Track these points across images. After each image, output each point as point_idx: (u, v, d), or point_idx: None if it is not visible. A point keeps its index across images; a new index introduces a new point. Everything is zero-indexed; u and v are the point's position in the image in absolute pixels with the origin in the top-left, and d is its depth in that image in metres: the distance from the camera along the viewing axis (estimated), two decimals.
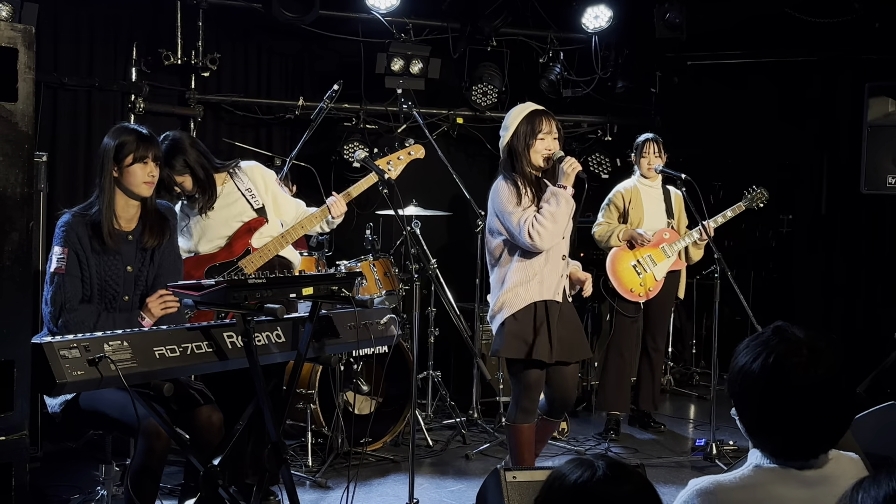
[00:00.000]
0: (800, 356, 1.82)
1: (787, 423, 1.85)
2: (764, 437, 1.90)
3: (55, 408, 3.24)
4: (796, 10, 6.33)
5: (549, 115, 4.01)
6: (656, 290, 5.50)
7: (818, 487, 1.84)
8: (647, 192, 5.56)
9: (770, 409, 1.85)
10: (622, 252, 5.47)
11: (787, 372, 1.81)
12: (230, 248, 4.02)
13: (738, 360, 1.89)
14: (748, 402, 1.88)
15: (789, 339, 1.85)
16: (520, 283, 3.92)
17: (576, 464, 1.62)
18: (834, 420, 1.86)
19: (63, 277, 3.21)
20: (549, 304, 3.92)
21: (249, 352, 2.80)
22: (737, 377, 1.90)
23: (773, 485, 1.84)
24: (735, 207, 5.55)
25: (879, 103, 5.76)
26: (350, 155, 6.26)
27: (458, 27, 6.65)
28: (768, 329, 1.90)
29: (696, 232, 5.47)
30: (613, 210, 5.56)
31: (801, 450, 1.87)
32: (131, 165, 3.30)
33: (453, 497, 4.49)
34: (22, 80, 2.12)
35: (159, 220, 3.45)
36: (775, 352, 1.83)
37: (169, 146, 3.83)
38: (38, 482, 4.30)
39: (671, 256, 5.50)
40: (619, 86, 6.99)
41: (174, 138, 3.88)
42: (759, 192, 5.58)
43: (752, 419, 1.90)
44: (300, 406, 4.80)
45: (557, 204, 3.84)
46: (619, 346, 5.56)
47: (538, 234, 3.80)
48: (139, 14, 5.92)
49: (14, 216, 2.11)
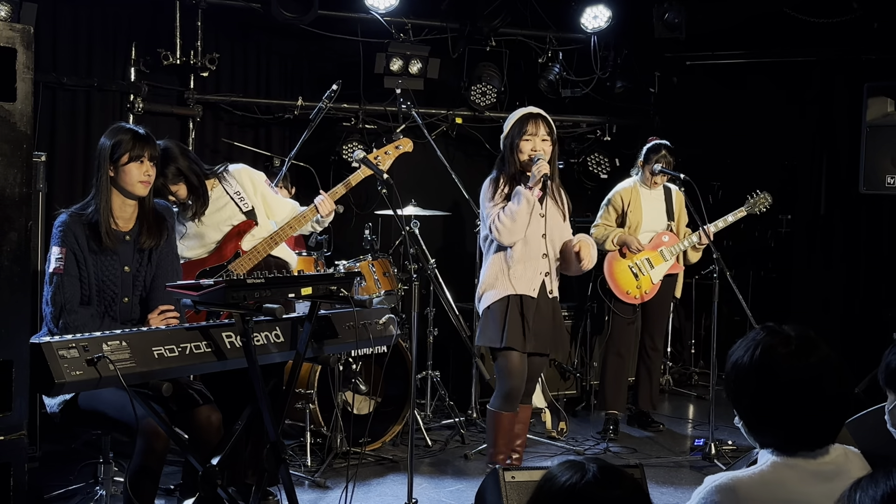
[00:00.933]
0: (787, 347, 1.87)
1: (783, 415, 1.88)
2: (764, 431, 1.93)
3: (54, 408, 3.24)
4: (795, 10, 6.33)
5: (541, 118, 4.21)
6: (653, 292, 5.49)
7: (836, 481, 1.86)
8: (646, 194, 5.54)
9: (764, 401, 1.89)
10: (618, 254, 5.47)
11: (776, 362, 1.87)
12: (220, 251, 4.02)
13: (731, 358, 1.95)
14: (743, 397, 1.93)
15: (778, 333, 1.91)
16: (496, 276, 4.17)
17: (567, 466, 1.62)
18: (830, 411, 1.88)
19: (62, 277, 3.21)
20: (524, 298, 4.12)
21: (248, 352, 2.80)
22: (731, 374, 1.95)
23: (793, 482, 1.86)
24: (736, 212, 5.51)
25: (878, 103, 5.76)
26: (349, 155, 6.26)
27: (457, 27, 6.65)
28: (759, 328, 1.95)
29: (694, 236, 5.44)
30: (612, 211, 5.53)
31: (802, 441, 1.89)
32: (127, 164, 3.29)
33: (452, 497, 4.49)
34: (20, 80, 2.12)
35: (157, 220, 3.45)
36: (763, 344, 1.89)
37: (160, 156, 3.75)
38: (36, 482, 4.29)
39: (669, 260, 5.48)
40: (618, 86, 6.99)
41: (164, 147, 3.75)
42: (761, 197, 5.52)
43: (749, 414, 1.93)
44: (299, 406, 4.80)
45: (518, 203, 4.07)
46: (617, 346, 5.56)
47: (496, 230, 4.08)
48: (138, 14, 5.91)
49: (13, 216, 2.11)
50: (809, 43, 6.55)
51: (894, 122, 5.70)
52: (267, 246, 4.09)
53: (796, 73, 6.80)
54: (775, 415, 1.88)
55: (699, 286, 6.89)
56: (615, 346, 5.57)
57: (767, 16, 6.52)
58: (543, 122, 4.18)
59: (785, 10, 6.35)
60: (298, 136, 5.33)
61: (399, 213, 4.06)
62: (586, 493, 1.56)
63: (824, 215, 6.74)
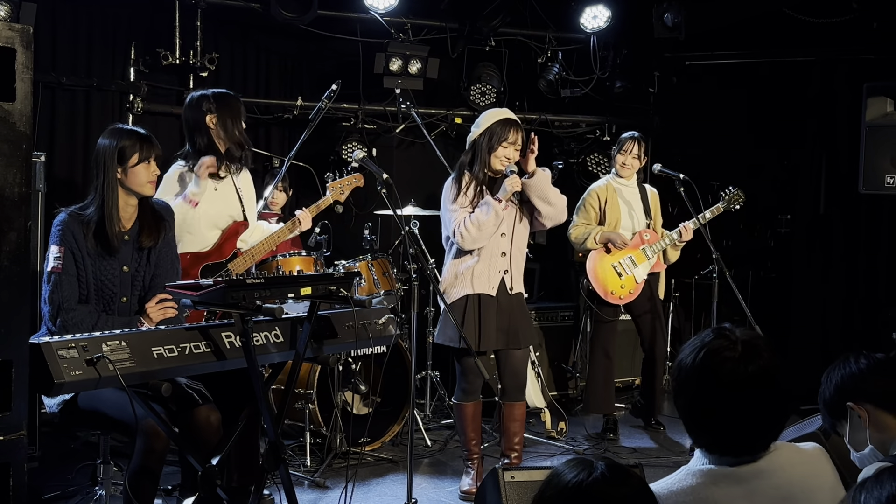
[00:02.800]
0: (732, 352, 1.87)
1: (718, 418, 1.88)
2: (699, 432, 1.94)
3: (53, 408, 3.23)
4: (794, 9, 6.32)
5: (519, 126, 4.27)
6: (637, 292, 5.44)
7: (753, 482, 1.86)
8: (622, 192, 5.49)
9: (701, 403, 1.90)
10: (602, 254, 5.40)
11: (718, 366, 1.86)
12: (220, 248, 4.08)
13: (678, 357, 1.95)
14: (682, 397, 1.93)
15: (725, 337, 1.90)
16: (455, 276, 4.28)
17: (574, 463, 1.63)
18: (766, 419, 1.88)
19: (60, 276, 3.21)
20: (482, 298, 4.24)
21: (248, 352, 2.80)
22: (674, 373, 1.96)
23: (706, 487, 1.86)
24: (714, 209, 5.51)
25: (877, 103, 5.75)
26: (348, 155, 6.26)
27: (457, 27, 6.65)
28: (710, 329, 1.95)
29: (675, 233, 5.43)
30: (590, 210, 5.45)
31: (733, 446, 1.89)
32: (136, 166, 3.35)
33: (451, 497, 4.49)
34: (20, 80, 2.12)
35: (156, 219, 3.47)
36: (708, 347, 1.89)
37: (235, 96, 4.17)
38: (36, 482, 4.29)
39: (651, 258, 5.44)
40: (618, 86, 6.99)
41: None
42: (735, 193, 5.53)
43: (687, 413, 1.93)
44: (298, 406, 4.80)
45: (486, 214, 4.15)
46: (605, 347, 5.50)
47: (461, 237, 4.18)
48: (137, 14, 5.91)
49: (12, 216, 2.11)
50: (809, 43, 6.54)
51: (894, 121, 5.70)
52: (259, 252, 4.25)
53: (796, 72, 6.79)
54: (710, 417, 1.89)
55: (699, 286, 6.89)
56: (602, 347, 5.50)
57: (767, 16, 6.52)
58: (520, 131, 4.25)
59: (784, 10, 6.34)
60: (298, 136, 5.33)
61: (399, 213, 4.06)
62: (593, 490, 1.57)
63: (824, 215, 6.73)
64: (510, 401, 4.41)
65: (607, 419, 5.60)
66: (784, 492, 1.87)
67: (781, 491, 1.87)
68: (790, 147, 6.95)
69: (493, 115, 4.26)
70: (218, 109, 4.10)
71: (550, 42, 6.91)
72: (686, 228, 5.38)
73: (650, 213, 5.53)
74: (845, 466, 2.83)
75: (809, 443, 2.05)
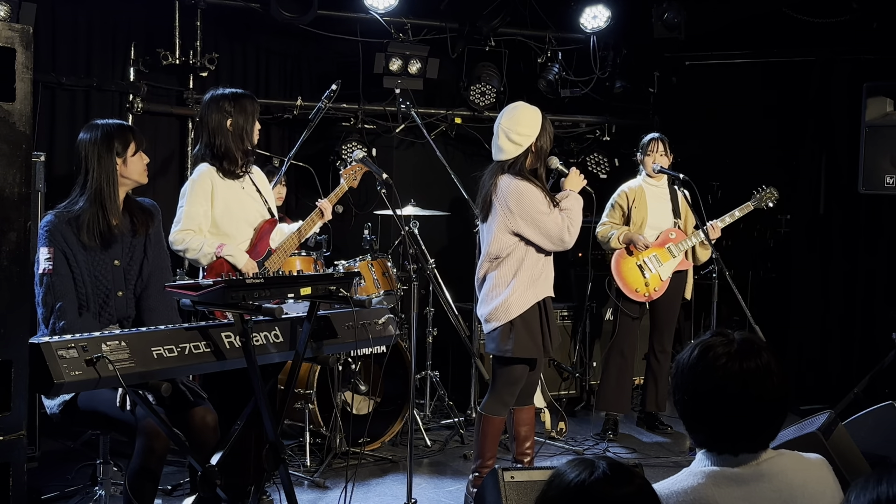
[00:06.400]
0: (726, 349, 1.89)
1: (714, 412, 1.90)
2: (697, 429, 1.95)
3: (53, 408, 3.23)
4: (794, 9, 6.32)
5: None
6: (662, 290, 5.47)
7: (754, 484, 1.87)
8: (652, 192, 5.53)
9: (698, 399, 1.92)
10: (624, 253, 5.45)
11: (713, 360, 1.89)
12: (255, 247, 4.05)
13: (678, 356, 1.98)
14: (680, 393, 1.95)
15: (723, 335, 1.94)
16: (529, 282, 4.05)
17: (576, 463, 1.63)
18: (761, 415, 1.89)
19: (52, 278, 3.18)
20: (546, 302, 4.14)
21: (247, 352, 2.80)
22: (673, 371, 1.98)
23: (707, 488, 1.87)
24: (743, 207, 5.53)
25: (877, 103, 5.74)
26: (348, 155, 6.25)
27: (457, 27, 6.64)
28: (710, 332, 1.98)
29: (702, 232, 5.44)
30: (617, 210, 5.52)
31: (730, 442, 1.90)
32: (134, 156, 3.38)
33: (451, 497, 4.49)
34: (19, 80, 2.12)
35: (142, 209, 3.48)
36: (704, 344, 1.93)
37: (252, 97, 4.09)
38: (35, 482, 4.29)
39: (677, 256, 5.46)
40: (618, 86, 6.99)
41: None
42: (768, 192, 5.54)
43: (684, 410, 1.95)
44: (298, 406, 4.80)
45: (577, 207, 4.13)
46: (621, 346, 5.51)
47: (571, 236, 4.08)
48: (137, 14, 5.91)
49: (12, 216, 2.11)
50: (808, 43, 6.54)
51: (893, 121, 5.69)
52: (290, 246, 4.21)
53: (795, 72, 6.79)
54: (706, 411, 1.91)
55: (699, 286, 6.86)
56: (619, 345, 5.52)
57: (766, 15, 6.52)
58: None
59: (784, 10, 6.34)
60: (298, 136, 5.33)
61: (398, 213, 4.06)
62: (595, 489, 1.57)
63: (823, 215, 6.73)
64: (520, 405, 4.27)
65: (607, 419, 5.60)
66: (784, 495, 1.88)
67: (782, 494, 1.87)
68: (789, 147, 6.94)
69: (537, 115, 4.21)
70: (235, 113, 3.98)
71: (550, 42, 6.91)
72: (714, 227, 5.38)
73: (680, 213, 5.55)
74: (846, 466, 2.83)
75: (813, 454, 2.06)
